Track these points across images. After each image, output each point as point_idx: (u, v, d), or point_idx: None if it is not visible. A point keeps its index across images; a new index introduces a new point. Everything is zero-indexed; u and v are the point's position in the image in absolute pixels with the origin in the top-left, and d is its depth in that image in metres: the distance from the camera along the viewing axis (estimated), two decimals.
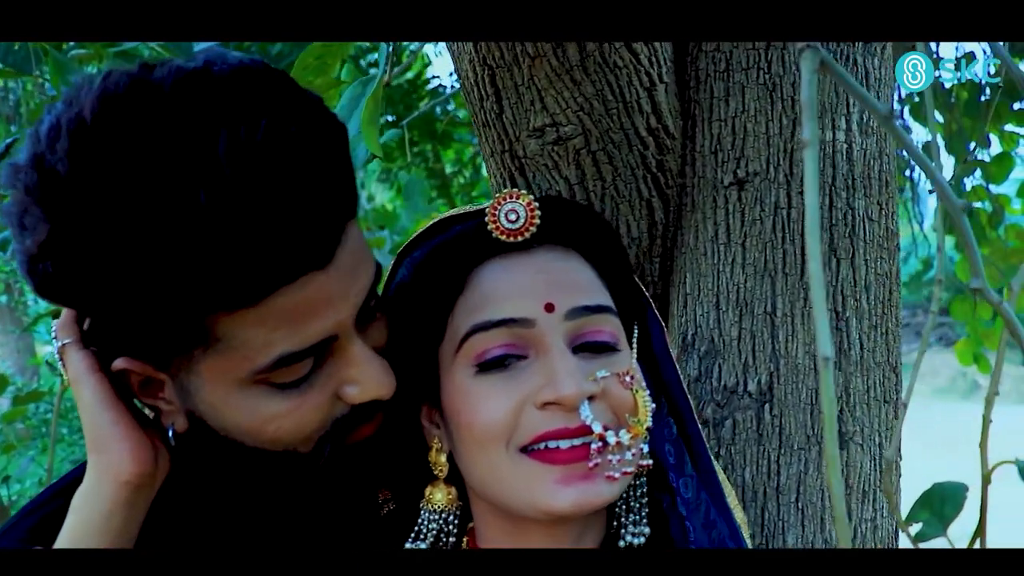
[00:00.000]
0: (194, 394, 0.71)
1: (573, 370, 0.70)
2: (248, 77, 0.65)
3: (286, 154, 0.62)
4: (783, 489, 0.95)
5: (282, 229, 0.62)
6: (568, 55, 0.95)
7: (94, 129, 0.60)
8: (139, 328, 0.67)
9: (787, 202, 0.99)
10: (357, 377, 0.71)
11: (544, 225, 0.75)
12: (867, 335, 0.98)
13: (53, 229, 0.61)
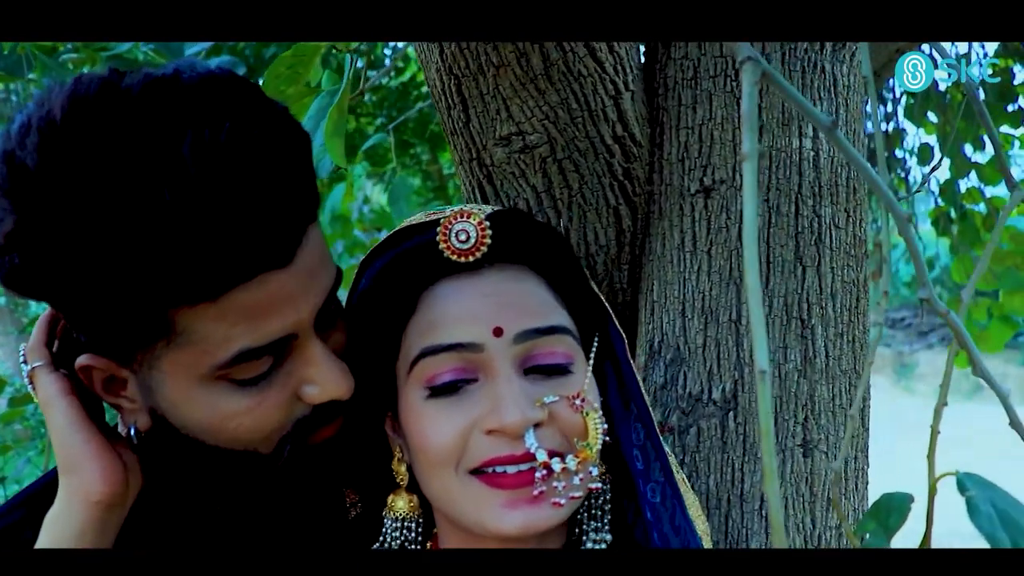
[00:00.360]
0: (156, 390, 0.72)
1: (517, 398, 0.70)
2: (215, 83, 0.67)
3: (249, 156, 0.64)
4: (747, 497, 0.95)
5: (243, 226, 0.63)
6: (532, 64, 0.96)
7: (63, 126, 0.62)
8: (103, 319, 0.67)
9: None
10: (316, 377, 0.72)
11: (495, 244, 0.74)
12: (833, 343, 0.98)
13: (20, 220, 0.62)
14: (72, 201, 0.61)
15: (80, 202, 0.61)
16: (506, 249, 0.75)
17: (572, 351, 0.76)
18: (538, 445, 0.70)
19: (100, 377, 0.73)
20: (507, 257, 0.76)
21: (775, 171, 1.00)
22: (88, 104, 0.62)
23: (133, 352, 0.70)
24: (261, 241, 0.65)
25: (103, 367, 0.72)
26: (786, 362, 0.97)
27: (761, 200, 0.99)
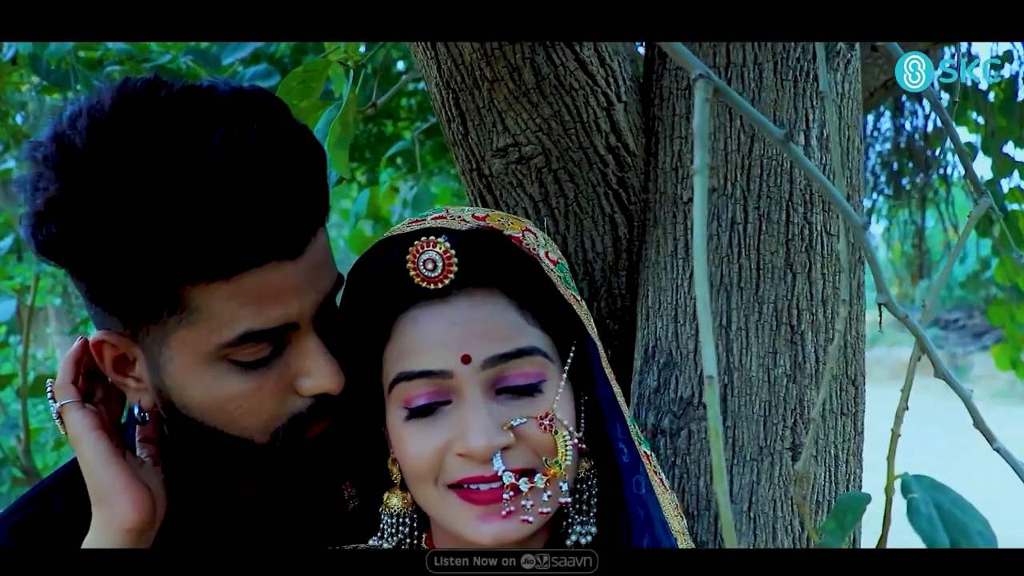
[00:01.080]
0: (163, 369, 0.78)
1: (484, 424, 0.75)
2: (247, 94, 0.76)
3: (271, 154, 0.72)
4: (736, 498, 0.97)
5: (261, 214, 0.71)
6: (524, 78, 0.99)
7: (111, 114, 0.71)
8: (124, 289, 0.74)
9: (743, 217, 1.01)
10: (311, 369, 0.78)
11: (462, 271, 0.77)
12: (823, 348, 1.00)
13: (63, 191, 0.70)
14: (112, 178, 0.69)
15: (118, 179, 0.69)
16: (473, 274, 0.78)
17: (543, 369, 0.79)
18: (505, 468, 0.74)
19: (111, 355, 0.80)
20: (475, 281, 0.78)
21: (766, 179, 1.02)
22: (134, 98, 0.71)
23: (146, 326, 0.77)
24: (276, 230, 0.73)
25: (115, 343, 0.79)
26: (775, 367, 0.99)
27: (752, 207, 1.01)
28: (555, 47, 0.98)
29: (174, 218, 0.69)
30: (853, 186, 1.06)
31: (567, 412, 0.80)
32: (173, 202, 0.69)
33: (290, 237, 0.75)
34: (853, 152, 1.07)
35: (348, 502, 0.92)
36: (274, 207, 0.72)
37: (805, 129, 1.04)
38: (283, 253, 0.74)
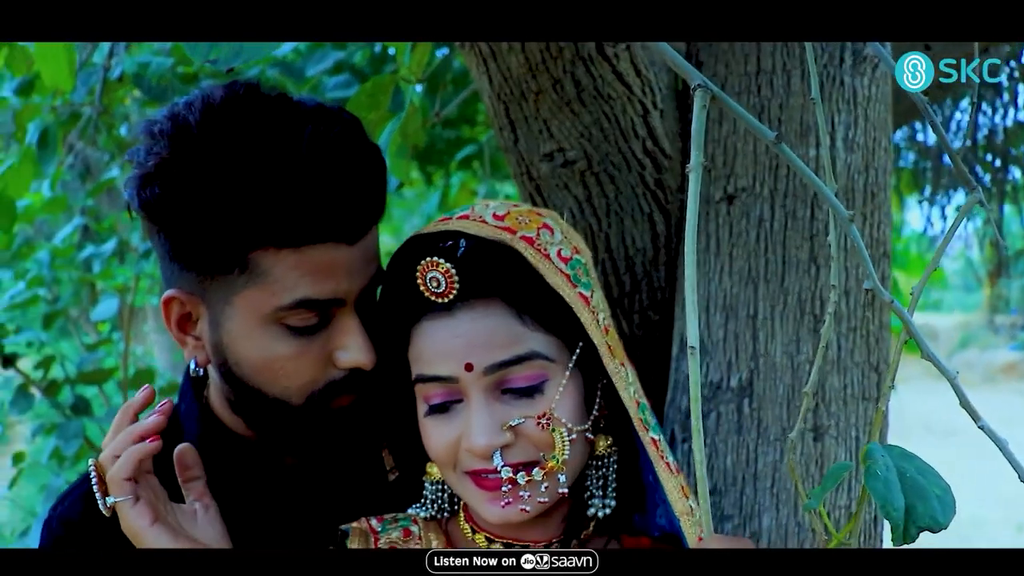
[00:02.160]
0: (223, 324, 0.91)
1: (484, 426, 0.83)
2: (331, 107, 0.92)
3: (347, 154, 0.87)
4: (760, 476, 1.07)
5: (331, 199, 0.86)
6: (566, 89, 1.11)
7: (221, 104, 0.86)
8: (205, 245, 0.88)
9: (770, 215, 1.10)
10: (348, 344, 0.90)
11: (463, 287, 0.84)
12: (846, 336, 1.08)
13: (172, 157, 0.85)
14: (213, 154, 0.84)
15: (219, 155, 0.84)
16: (474, 288, 0.84)
17: (542, 371, 0.85)
18: (503, 464, 0.83)
19: (178, 313, 0.93)
20: (477, 294, 0.84)
21: (792, 178, 1.10)
22: (240, 94, 0.87)
23: (215, 284, 0.89)
24: (341, 215, 0.87)
25: (184, 300, 0.92)
26: (798, 354, 1.07)
27: (779, 205, 1.10)
28: (593, 61, 1.09)
29: (260, 191, 0.84)
30: (879, 184, 1.14)
31: (568, 409, 0.86)
32: (261, 178, 0.84)
33: (351, 224, 0.88)
34: (879, 152, 1.15)
35: (388, 473, 1.03)
36: (343, 196, 0.87)
37: (831, 131, 1.12)
38: (343, 237, 0.88)
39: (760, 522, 1.06)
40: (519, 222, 0.88)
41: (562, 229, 0.92)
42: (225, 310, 0.91)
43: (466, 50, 1.17)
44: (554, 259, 0.88)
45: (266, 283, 0.88)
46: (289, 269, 0.87)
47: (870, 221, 1.12)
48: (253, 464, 1.02)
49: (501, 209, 0.89)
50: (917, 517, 0.66)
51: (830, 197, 0.75)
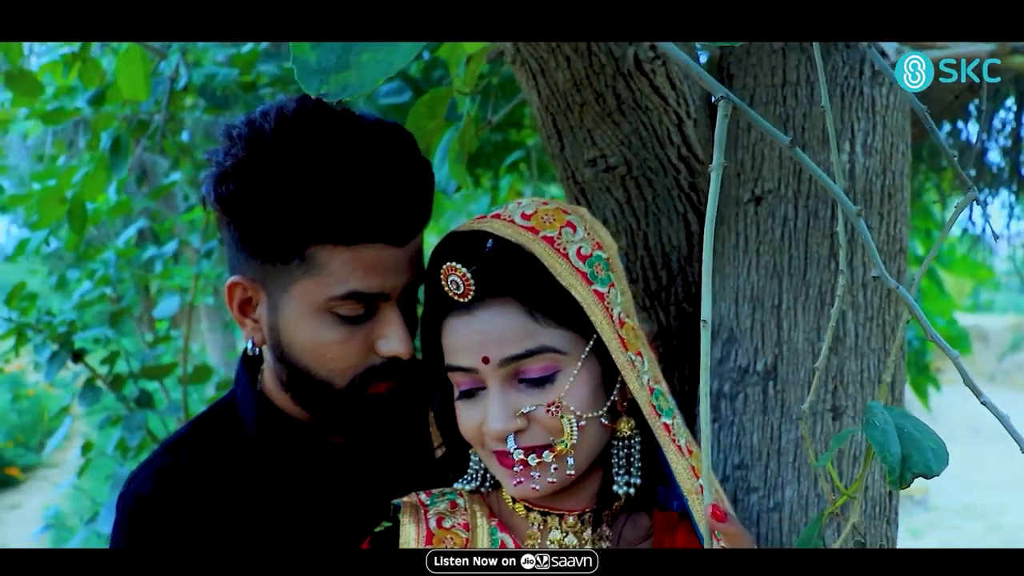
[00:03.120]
0: (280, 310, 1.03)
1: (499, 413, 0.93)
2: (390, 123, 1.06)
3: (402, 164, 1.01)
4: (783, 451, 1.19)
5: (385, 204, 0.99)
6: (607, 101, 1.24)
7: (293, 114, 1.00)
8: (271, 238, 1.01)
9: (794, 215, 1.22)
10: (389, 334, 1.03)
11: (479, 289, 0.93)
12: (863, 325, 1.20)
13: (247, 158, 0.99)
14: (285, 157, 0.97)
15: (290, 159, 0.97)
16: (490, 289, 0.93)
17: (553, 363, 0.94)
18: (516, 447, 0.93)
19: (240, 297, 1.06)
20: (492, 294, 0.93)
21: (815, 181, 1.22)
22: (309, 108, 1.01)
23: (275, 273, 1.02)
24: (393, 220, 1.00)
25: (246, 286, 1.05)
26: (819, 341, 1.19)
27: (802, 206, 1.22)
28: (632, 76, 1.22)
29: (322, 193, 0.97)
30: (895, 185, 1.25)
31: (578, 397, 0.94)
32: (324, 182, 0.97)
33: (401, 229, 1.01)
34: (897, 156, 1.26)
35: (436, 450, 1.14)
36: (395, 203, 1.00)
37: (851, 137, 1.24)
38: (393, 239, 1.01)
39: (783, 493, 1.19)
40: (543, 222, 0.97)
41: (586, 226, 0.99)
42: (283, 297, 1.03)
43: (517, 66, 1.31)
44: (572, 258, 0.96)
45: (321, 275, 1.00)
46: (343, 264, 0.99)
47: (887, 220, 1.23)
48: (303, 443, 1.13)
49: (530, 208, 0.98)
50: (912, 464, 0.73)
51: (839, 193, 0.85)
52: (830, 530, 1.15)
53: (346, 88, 0.61)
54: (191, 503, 1.11)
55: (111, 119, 2.78)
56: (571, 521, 1.00)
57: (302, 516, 1.13)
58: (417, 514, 1.02)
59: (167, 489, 1.11)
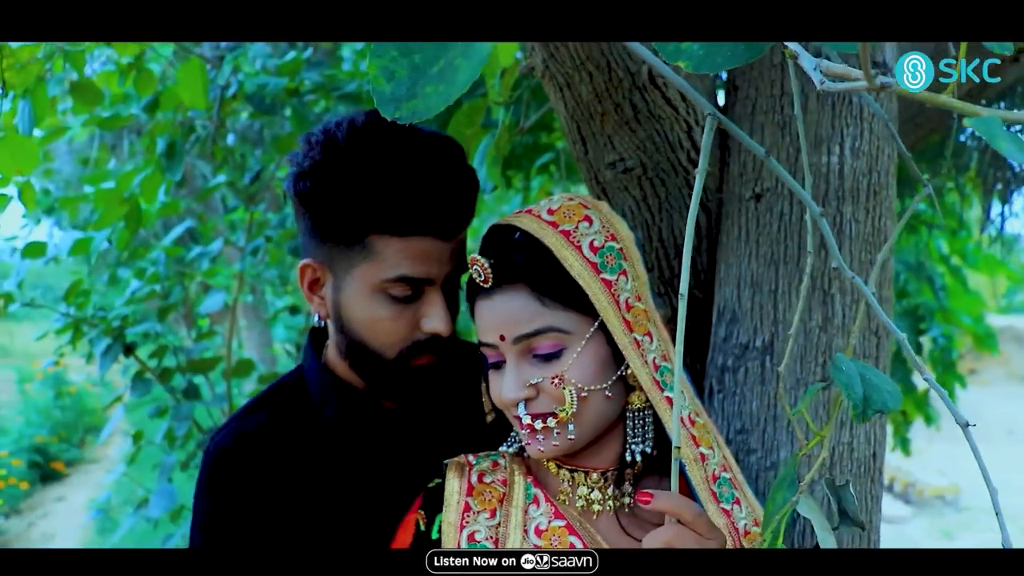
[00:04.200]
0: (343, 289, 1.21)
1: (512, 383, 1.07)
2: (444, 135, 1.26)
3: (451, 171, 1.21)
4: (779, 418, 1.38)
5: (437, 203, 1.18)
6: (625, 111, 1.44)
7: (362, 127, 1.20)
8: (339, 226, 1.20)
9: (789, 210, 1.41)
10: (432, 314, 1.22)
11: (496, 277, 1.08)
12: (849, 307, 1.39)
13: (322, 161, 1.19)
14: (353, 161, 1.17)
15: (357, 163, 1.17)
16: (505, 278, 1.08)
17: (559, 341, 1.07)
18: (525, 412, 1.07)
19: (310, 277, 1.26)
20: (508, 281, 1.08)
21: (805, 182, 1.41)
22: (374, 121, 1.20)
23: (340, 257, 1.22)
24: (440, 217, 1.19)
25: (316, 268, 1.25)
26: (810, 320, 1.38)
27: (796, 202, 1.41)
28: (646, 89, 1.42)
29: (382, 192, 1.16)
30: (880, 184, 1.43)
31: (581, 372, 1.07)
32: (384, 183, 1.17)
33: (447, 225, 1.20)
34: (882, 159, 1.44)
35: (487, 415, 1.22)
36: (443, 203, 1.19)
37: (840, 141, 1.42)
38: (440, 233, 1.19)
39: (778, 454, 1.37)
40: (565, 216, 1.10)
41: (602, 219, 1.12)
42: (345, 278, 1.22)
43: (546, 80, 1.51)
44: (584, 249, 1.08)
45: (377, 260, 1.18)
46: (395, 252, 1.17)
47: (872, 214, 1.42)
48: (361, 408, 1.31)
49: (556, 203, 1.12)
50: (872, 402, 0.85)
51: (805, 196, 1.00)
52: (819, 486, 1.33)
53: (414, 114, 0.78)
54: (263, 458, 1.29)
55: (167, 125, 3.01)
56: (595, 478, 1.13)
57: (360, 476, 1.30)
58: (461, 471, 1.17)
59: (244, 445, 1.29)
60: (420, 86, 0.73)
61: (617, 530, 1.12)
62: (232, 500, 1.29)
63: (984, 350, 6.04)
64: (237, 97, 3.23)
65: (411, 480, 1.24)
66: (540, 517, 1.13)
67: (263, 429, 1.31)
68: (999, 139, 0.62)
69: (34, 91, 2.11)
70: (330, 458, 1.31)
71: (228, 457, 1.29)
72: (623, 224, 1.14)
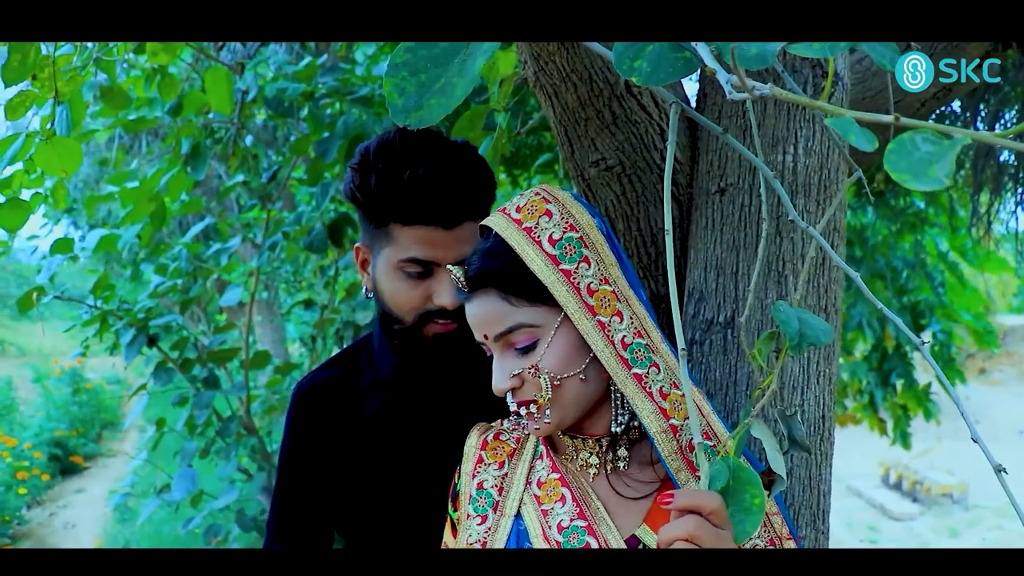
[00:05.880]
0: (377, 267, 1.53)
1: (499, 374, 1.21)
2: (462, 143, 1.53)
3: (452, 172, 1.46)
4: (739, 383, 1.60)
5: (430, 199, 1.45)
6: (605, 117, 1.67)
7: (393, 138, 1.49)
8: (373, 217, 1.49)
9: (749, 202, 1.64)
10: (439, 290, 1.49)
11: (470, 284, 1.23)
12: (803, 288, 1.61)
13: (359, 167, 1.48)
14: (384, 168, 1.45)
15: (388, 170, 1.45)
16: (477, 284, 1.23)
17: (531, 335, 1.19)
18: (512, 400, 1.21)
19: (362, 256, 1.57)
20: (480, 286, 1.22)
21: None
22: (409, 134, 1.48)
23: (376, 241, 1.51)
24: (436, 209, 1.45)
25: (363, 249, 1.56)
26: (766, 298, 1.61)
27: (755, 195, 1.64)
28: (624, 98, 1.65)
29: (399, 191, 1.44)
30: (831, 179, 1.66)
31: (552, 361, 1.19)
32: (397, 182, 1.44)
33: (444, 215, 1.46)
34: (832, 157, 1.67)
35: None
36: (437, 198, 1.44)
37: (795, 141, 1.65)
38: (442, 223, 1.46)
39: (737, 415, 1.60)
40: (528, 213, 1.22)
41: (562, 211, 1.22)
42: (377, 258, 1.53)
43: (537, 90, 1.75)
44: (544, 244, 1.19)
45: (394, 244, 1.48)
46: (407, 237, 1.47)
47: (823, 206, 1.64)
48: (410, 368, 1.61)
49: (522, 201, 1.24)
50: (806, 336, 1.03)
51: (779, 188, 1.27)
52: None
53: (420, 121, 1.00)
54: (331, 406, 1.64)
55: (193, 127, 3.26)
56: (591, 444, 1.27)
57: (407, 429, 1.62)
58: (483, 429, 1.39)
59: (318, 392, 1.65)
60: (425, 99, 0.92)
61: (607, 488, 1.27)
62: (304, 436, 1.65)
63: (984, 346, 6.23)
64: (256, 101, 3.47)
65: (449, 437, 1.50)
66: (542, 471, 1.31)
67: (333, 381, 1.66)
68: (850, 134, 0.82)
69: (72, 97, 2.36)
70: (384, 411, 1.64)
71: (305, 401, 1.65)
72: (583, 212, 1.24)
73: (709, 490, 0.97)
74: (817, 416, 1.63)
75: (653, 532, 1.22)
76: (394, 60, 0.95)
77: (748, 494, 0.90)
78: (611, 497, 1.27)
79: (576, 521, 1.23)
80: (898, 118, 0.77)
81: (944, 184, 0.69)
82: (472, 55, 0.95)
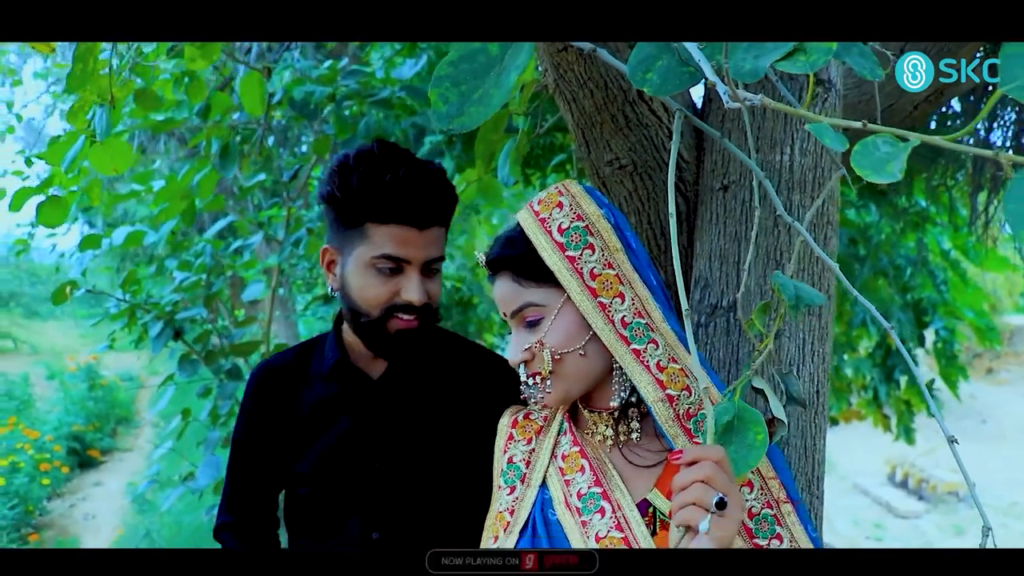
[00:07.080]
0: (346, 266, 1.70)
1: (513, 348, 1.37)
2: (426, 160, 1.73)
3: (425, 181, 1.66)
4: (740, 362, 1.79)
5: (403, 201, 1.64)
6: (619, 120, 1.86)
7: (371, 148, 1.68)
8: (346, 217, 1.67)
9: (750, 198, 1.82)
10: (407, 287, 1.67)
11: (491, 268, 1.42)
12: (798, 276, 1.79)
13: (336, 173, 1.67)
14: (359, 174, 1.64)
15: (361, 175, 1.64)
16: (496, 268, 1.41)
17: (538, 313, 1.35)
18: (525, 371, 1.36)
19: (328, 258, 1.75)
20: (498, 270, 1.41)
21: (765, 172, 1.82)
22: (386, 144, 1.68)
23: (346, 241, 1.69)
24: (409, 210, 1.64)
25: (332, 251, 1.74)
26: (765, 285, 1.79)
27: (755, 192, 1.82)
28: (636, 103, 1.83)
29: (375, 194, 1.62)
30: (824, 177, 1.84)
31: (555, 336, 1.34)
32: (377, 189, 1.62)
33: (416, 217, 1.65)
34: (826, 157, 1.85)
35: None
36: (410, 200, 1.63)
37: (791, 143, 1.83)
38: (413, 223, 1.65)
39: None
40: (545, 205, 1.38)
41: (572, 202, 1.38)
42: (347, 256, 1.71)
43: (557, 95, 1.93)
44: (554, 234, 1.35)
45: (368, 242, 1.64)
46: (382, 235, 1.66)
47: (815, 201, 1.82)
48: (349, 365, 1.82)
49: (544, 194, 1.41)
50: (802, 299, 1.16)
51: (768, 185, 1.45)
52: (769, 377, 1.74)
53: (462, 126, 1.18)
54: (277, 387, 1.82)
55: (222, 128, 3.45)
56: (605, 417, 1.41)
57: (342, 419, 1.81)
58: (514, 411, 1.57)
59: (270, 372, 1.85)
60: (466, 107, 1.09)
61: (621, 458, 1.41)
62: (250, 415, 1.83)
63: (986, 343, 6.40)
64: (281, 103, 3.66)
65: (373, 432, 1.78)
66: (565, 445, 1.45)
67: (286, 367, 1.87)
68: (825, 137, 1.00)
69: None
70: (320, 404, 1.82)
71: (255, 382, 1.85)
72: (591, 203, 1.40)
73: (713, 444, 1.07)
74: (812, 391, 1.81)
75: (662, 495, 1.35)
76: (438, 73, 1.10)
77: (752, 432, 1.06)
78: (625, 466, 1.41)
79: (593, 488, 1.36)
80: (865, 124, 0.96)
81: (897, 178, 0.87)
82: (507, 69, 1.12)
